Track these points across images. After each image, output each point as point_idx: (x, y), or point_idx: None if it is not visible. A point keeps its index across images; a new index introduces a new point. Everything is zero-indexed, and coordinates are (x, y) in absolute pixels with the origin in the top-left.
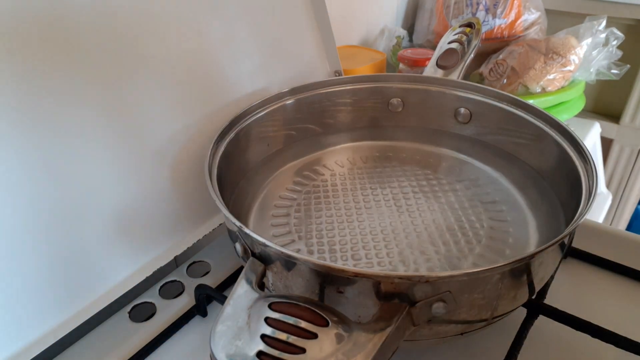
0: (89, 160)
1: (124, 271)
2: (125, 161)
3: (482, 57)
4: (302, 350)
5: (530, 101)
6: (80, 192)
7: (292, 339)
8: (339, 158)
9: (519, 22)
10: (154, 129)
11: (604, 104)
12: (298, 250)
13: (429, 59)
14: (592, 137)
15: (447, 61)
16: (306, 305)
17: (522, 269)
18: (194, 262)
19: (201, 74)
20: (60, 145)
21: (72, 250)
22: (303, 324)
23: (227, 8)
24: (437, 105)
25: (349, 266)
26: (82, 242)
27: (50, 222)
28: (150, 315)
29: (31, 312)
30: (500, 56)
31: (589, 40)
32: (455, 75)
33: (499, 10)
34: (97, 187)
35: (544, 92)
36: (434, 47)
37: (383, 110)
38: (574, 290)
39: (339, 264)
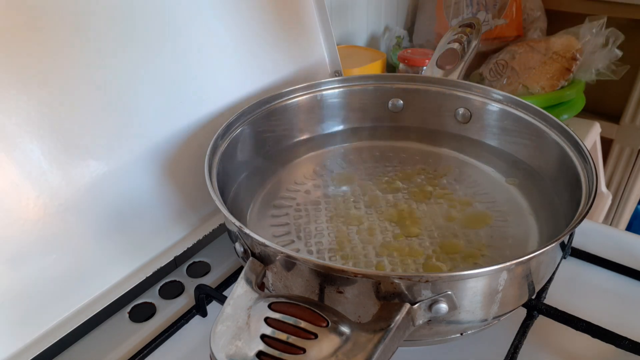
0: (87, 158)
1: (123, 271)
2: (124, 160)
3: (482, 57)
4: (302, 350)
5: (530, 101)
6: (79, 192)
7: (292, 339)
8: (339, 158)
9: (519, 22)
10: (154, 129)
11: (604, 104)
12: (298, 250)
13: (429, 59)
14: (592, 137)
15: (447, 61)
16: (306, 306)
17: (522, 269)
18: (194, 262)
19: (201, 72)
20: (60, 145)
21: (72, 249)
22: (303, 324)
23: (229, 9)
24: (437, 105)
25: (349, 266)
26: (82, 242)
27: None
28: (150, 315)
29: (31, 312)
30: (500, 56)
31: (589, 40)
32: (455, 75)
33: (499, 11)
34: (96, 187)
35: (544, 92)
36: (434, 47)
37: (383, 110)
38: (574, 290)
39: (339, 264)
